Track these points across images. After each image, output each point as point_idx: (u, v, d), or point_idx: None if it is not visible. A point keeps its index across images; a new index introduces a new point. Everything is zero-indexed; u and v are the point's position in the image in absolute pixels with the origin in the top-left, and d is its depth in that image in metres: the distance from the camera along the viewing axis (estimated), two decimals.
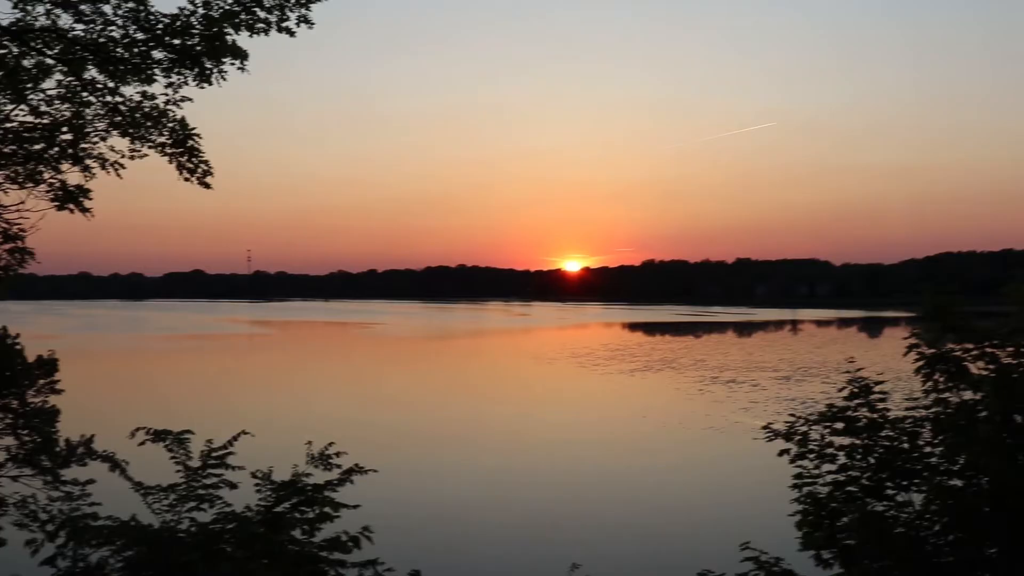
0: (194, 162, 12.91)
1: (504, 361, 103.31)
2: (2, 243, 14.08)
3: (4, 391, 17.98)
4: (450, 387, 74.95)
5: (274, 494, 10.80)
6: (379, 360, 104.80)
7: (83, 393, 29.92)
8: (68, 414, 18.62)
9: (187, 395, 67.68)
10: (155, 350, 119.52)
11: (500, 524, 30.71)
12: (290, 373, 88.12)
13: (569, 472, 39.22)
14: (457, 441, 47.48)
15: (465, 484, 36.87)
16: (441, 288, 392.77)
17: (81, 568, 10.42)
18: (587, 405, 63.27)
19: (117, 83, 12.15)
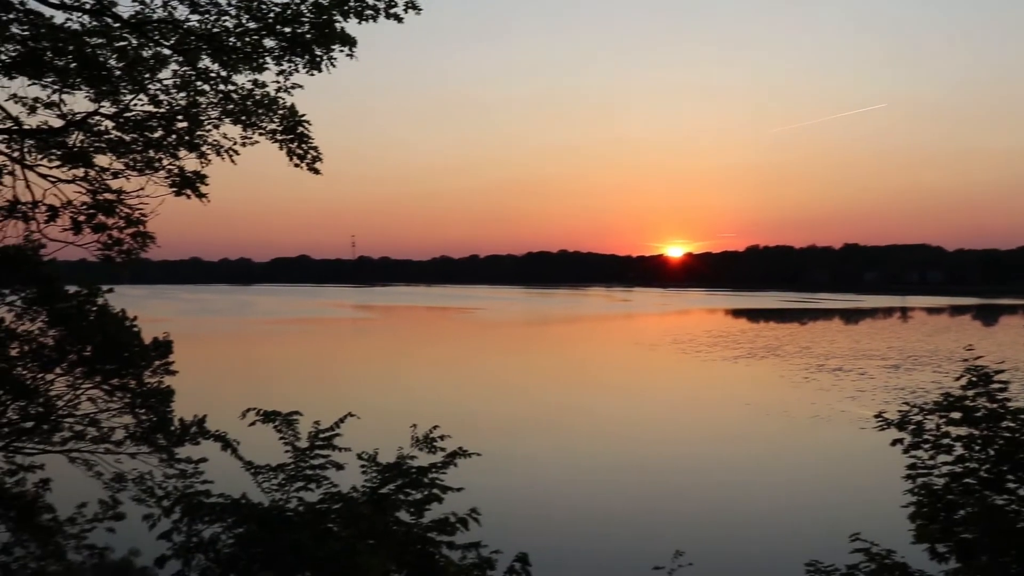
0: (304, 148, 13.14)
1: (605, 347, 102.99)
2: (125, 227, 14.55)
3: (123, 372, 18.56)
4: (551, 373, 75.04)
5: (379, 476, 10.96)
6: (481, 345, 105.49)
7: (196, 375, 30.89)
8: (182, 395, 19.12)
9: (294, 377, 69.12)
10: (263, 333, 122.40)
11: (603, 509, 30.67)
12: (393, 357, 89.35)
13: (671, 459, 38.96)
14: (559, 426, 47.53)
15: (567, 469, 36.91)
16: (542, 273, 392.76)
17: (195, 543, 10.72)
18: (689, 392, 62.69)
19: (229, 72, 12.44)
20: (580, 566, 24.22)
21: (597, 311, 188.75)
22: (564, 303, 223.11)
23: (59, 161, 13.69)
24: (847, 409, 51.82)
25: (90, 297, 18.67)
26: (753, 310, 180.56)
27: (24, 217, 14.41)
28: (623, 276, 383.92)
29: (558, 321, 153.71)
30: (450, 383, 66.46)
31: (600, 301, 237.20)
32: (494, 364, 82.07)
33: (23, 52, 11.50)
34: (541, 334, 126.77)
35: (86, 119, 13.13)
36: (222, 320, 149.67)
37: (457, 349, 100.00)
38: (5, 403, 18.58)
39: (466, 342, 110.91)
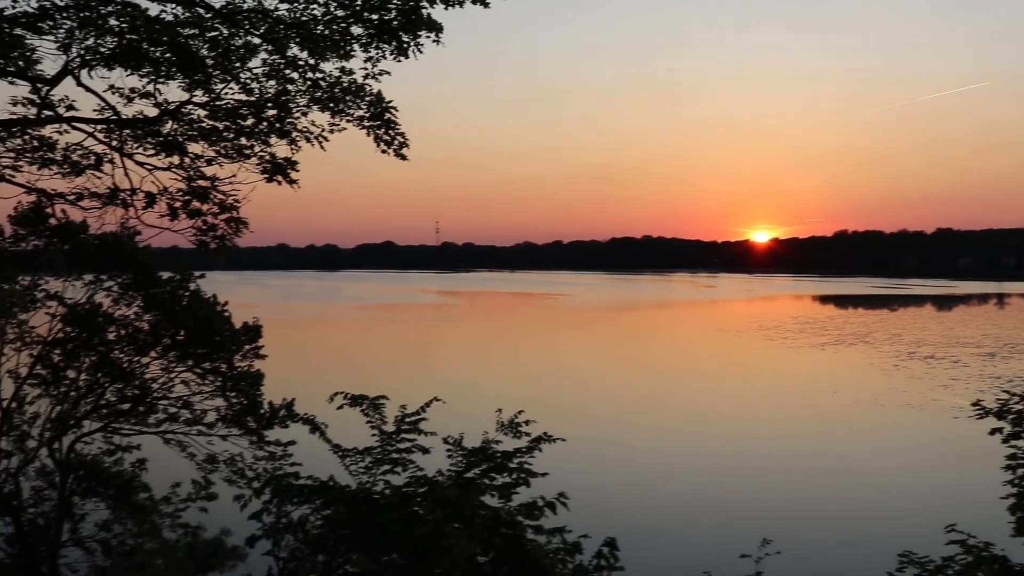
0: (391, 134, 13.23)
1: (690, 333, 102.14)
2: (219, 214, 14.86)
3: (214, 356, 18.96)
4: (636, 359, 74.70)
5: (465, 460, 11.01)
6: (564, 331, 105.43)
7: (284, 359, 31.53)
8: (271, 378, 19.47)
9: (380, 362, 69.96)
10: (349, 318, 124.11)
11: (689, 496, 30.51)
12: (478, 343, 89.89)
13: (757, 446, 38.50)
14: (644, 413, 47.32)
15: (653, 455, 36.77)
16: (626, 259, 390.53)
17: (284, 524, 10.92)
18: (775, 379, 61.85)
19: (317, 60, 12.57)
20: (666, 552, 24.11)
21: (681, 297, 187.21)
22: (648, 289, 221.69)
23: (154, 149, 14.03)
24: (940, 398, 50.61)
25: (183, 283, 19.12)
26: (841, 296, 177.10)
27: (124, 204, 14.83)
28: (708, 262, 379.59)
29: (642, 307, 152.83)
30: (534, 369, 66.59)
31: (684, 287, 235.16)
32: (578, 350, 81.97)
33: (121, 44, 11.79)
34: (625, 320, 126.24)
35: (179, 108, 13.42)
36: (309, 305, 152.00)
37: (541, 335, 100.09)
38: (103, 385, 19.17)
39: (550, 328, 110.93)
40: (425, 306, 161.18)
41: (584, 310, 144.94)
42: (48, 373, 19.10)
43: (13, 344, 19.06)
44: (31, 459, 18.87)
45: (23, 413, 19.11)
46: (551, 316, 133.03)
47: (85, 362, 19.25)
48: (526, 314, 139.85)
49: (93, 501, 19.20)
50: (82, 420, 19.06)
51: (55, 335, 19.11)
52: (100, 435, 19.30)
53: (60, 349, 19.17)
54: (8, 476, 18.44)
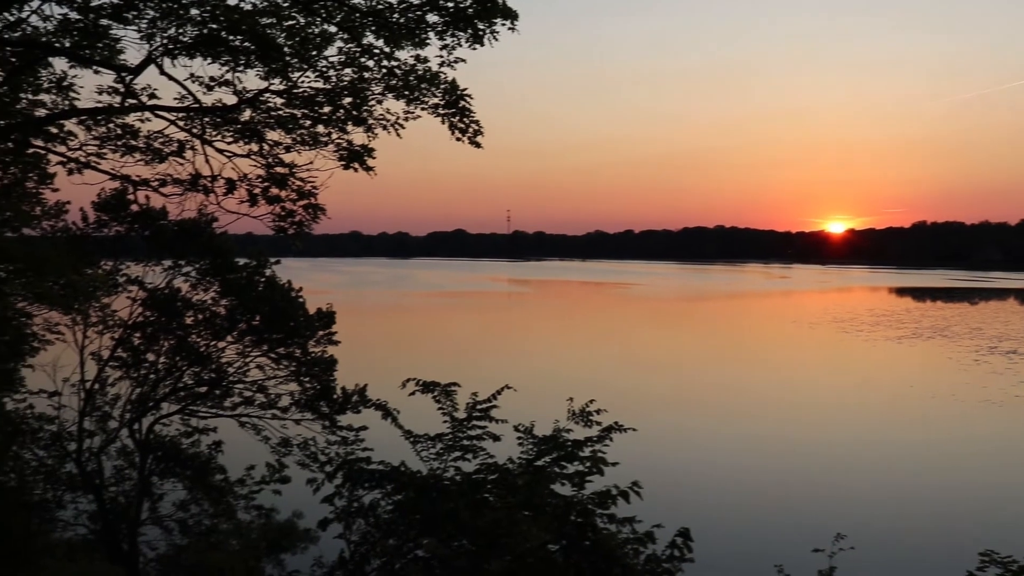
0: (465, 122, 13.27)
1: (763, 324, 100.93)
2: (297, 200, 15.09)
3: (288, 341, 19.22)
4: (708, 349, 74.06)
5: (535, 448, 11.03)
6: (636, 321, 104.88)
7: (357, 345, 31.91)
8: (344, 364, 19.67)
9: (451, 349, 70.25)
10: (421, 306, 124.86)
11: (761, 488, 30.17)
12: (549, 331, 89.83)
13: (830, 440, 37.90)
14: (716, 404, 46.88)
15: (725, 447, 36.43)
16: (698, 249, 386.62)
17: (355, 508, 11.06)
18: (850, 372, 60.78)
19: (392, 48, 12.66)
20: (736, 544, 23.88)
21: (754, 288, 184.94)
22: (720, 279, 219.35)
23: (233, 137, 14.28)
24: (1022, 394, 49.32)
25: (259, 268, 19.40)
26: (919, 289, 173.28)
27: (205, 190, 15.15)
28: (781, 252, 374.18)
29: (714, 297, 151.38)
30: (605, 358, 66.37)
31: (757, 278, 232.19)
32: (650, 340, 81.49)
33: (201, 33, 12.00)
34: (697, 310, 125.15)
35: (257, 96, 13.62)
36: (382, 292, 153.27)
37: (612, 324, 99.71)
38: (181, 369, 19.56)
39: (621, 317, 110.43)
40: (496, 294, 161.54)
41: (656, 300, 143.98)
42: (129, 356, 19.51)
43: (96, 327, 19.52)
44: (112, 439, 19.33)
45: (105, 394, 19.57)
46: (622, 306, 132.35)
47: (164, 345, 19.63)
48: (597, 303, 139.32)
49: (171, 481, 19.59)
50: (161, 402, 19.46)
51: (135, 319, 19.51)
52: (178, 417, 19.68)
53: (140, 332, 19.58)
54: (91, 455, 18.92)
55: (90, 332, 19.47)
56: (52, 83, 14.48)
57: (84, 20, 12.37)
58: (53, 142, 15.16)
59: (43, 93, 14.67)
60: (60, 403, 19.08)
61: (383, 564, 10.83)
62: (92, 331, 19.50)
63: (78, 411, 19.00)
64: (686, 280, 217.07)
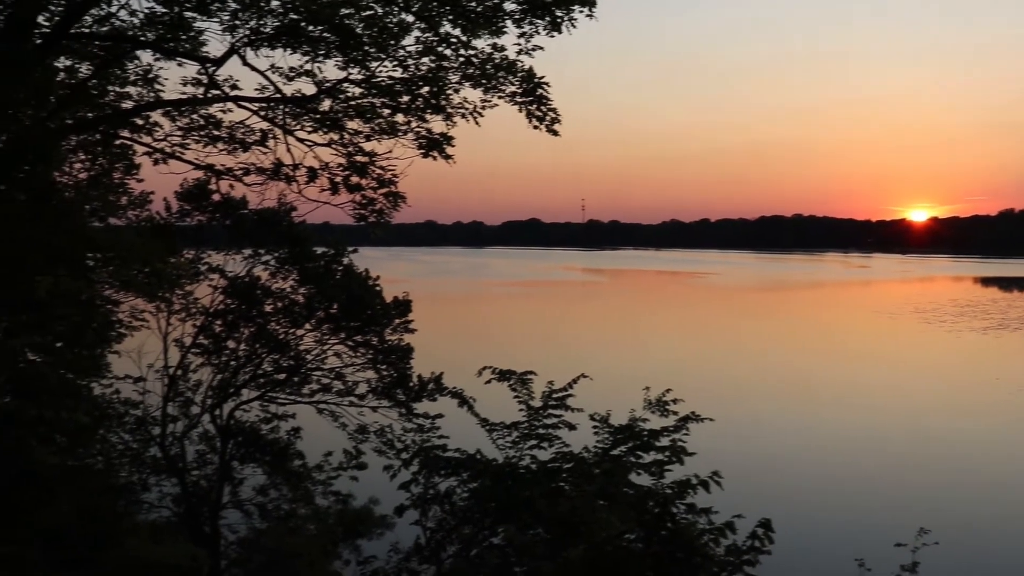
0: (543, 110, 13.25)
1: (841, 314, 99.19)
2: (377, 188, 15.23)
3: (366, 329, 19.41)
4: (785, 339, 73.01)
5: (611, 437, 11.00)
6: (712, 310, 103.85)
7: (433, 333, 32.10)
8: (420, 352, 19.79)
9: (526, 338, 70.27)
10: (496, 295, 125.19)
11: (841, 480, 29.71)
12: (624, 320, 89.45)
13: (913, 432, 37.12)
14: (795, 394, 46.24)
15: (804, 437, 35.94)
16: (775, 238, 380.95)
17: (431, 495, 11.15)
18: (932, 363, 59.46)
19: (469, 37, 12.69)
20: (816, 537, 23.56)
21: (833, 277, 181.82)
22: (798, 268, 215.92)
23: (313, 126, 14.46)
24: None
25: (336, 257, 19.61)
26: (1005, 279, 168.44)
27: (287, 179, 15.38)
28: (860, 241, 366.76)
29: (792, 287, 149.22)
30: (682, 347, 65.88)
31: (836, 267, 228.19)
32: (726, 329, 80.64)
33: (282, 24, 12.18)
34: (775, 300, 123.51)
35: (336, 86, 13.77)
36: (457, 281, 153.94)
37: (688, 313, 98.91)
38: (261, 356, 19.87)
39: (697, 307, 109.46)
40: (571, 283, 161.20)
41: (732, 289, 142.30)
42: (210, 343, 19.87)
43: (179, 314, 19.91)
44: (195, 424, 19.73)
45: (187, 380, 19.97)
46: (698, 295, 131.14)
47: (244, 333, 19.95)
48: (672, 293, 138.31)
49: (251, 466, 19.91)
50: (241, 388, 19.79)
51: (216, 306, 19.86)
52: (258, 403, 19.99)
53: (221, 320, 19.91)
54: (174, 440, 19.35)
55: (173, 319, 19.85)
56: (138, 76, 14.83)
57: (169, 13, 12.64)
58: (139, 133, 15.53)
59: (129, 85, 15.04)
60: (145, 388, 19.52)
61: (459, 551, 10.92)
62: (175, 318, 19.88)
63: (162, 396, 19.44)
64: (763, 269, 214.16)
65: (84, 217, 17.40)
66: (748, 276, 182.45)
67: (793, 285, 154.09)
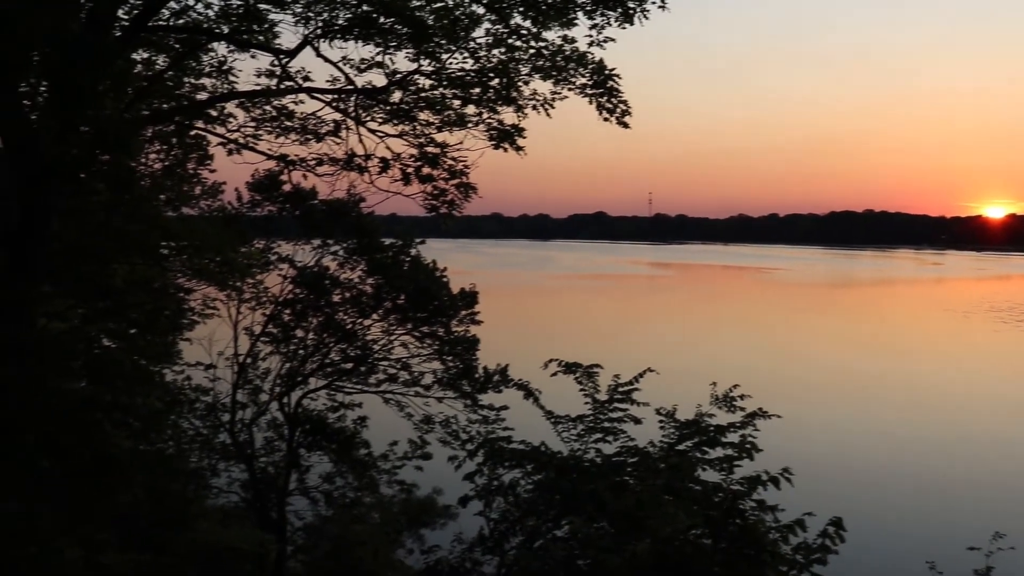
0: (613, 102, 13.21)
1: (912, 312, 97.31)
2: (449, 179, 15.31)
3: (432, 320, 19.51)
4: (854, 337, 71.80)
5: (677, 432, 10.91)
6: (779, 306, 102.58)
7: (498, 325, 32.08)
8: (486, 344, 19.84)
9: (592, 331, 70.01)
10: (561, 288, 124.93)
11: (912, 482, 29.21)
12: (690, 315, 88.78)
13: (987, 434, 36.31)
14: (864, 393, 45.48)
15: (874, 437, 35.37)
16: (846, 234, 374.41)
17: (495, 486, 11.15)
18: (1007, 364, 58.04)
19: (540, 28, 12.68)
20: (885, 538, 23.16)
21: (904, 274, 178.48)
22: (868, 265, 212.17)
23: (384, 117, 14.58)
24: None
25: (404, 248, 19.74)
26: None
27: (359, 169, 15.52)
28: (934, 238, 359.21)
29: (862, 284, 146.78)
30: (748, 343, 65.14)
31: (907, 264, 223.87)
32: (795, 326, 79.64)
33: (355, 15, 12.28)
34: (844, 297, 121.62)
35: (406, 77, 13.85)
36: (522, 274, 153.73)
37: (755, 309, 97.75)
38: (328, 345, 20.09)
39: (765, 303, 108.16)
40: (637, 277, 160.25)
41: (800, 285, 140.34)
42: (279, 331, 20.12)
43: (249, 303, 20.21)
44: (263, 411, 20.02)
45: (256, 368, 20.27)
46: (766, 291, 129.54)
47: (312, 322, 20.17)
48: (739, 288, 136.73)
49: (318, 454, 20.13)
50: (309, 377, 20.02)
51: (286, 296, 20.12)
52: (325, 392, 20.20)
53: (290, 309, 20.15)
54: (243, 426, 19.66)
55: (243, 308, 20.15)
56: (213, 67, 15.06)
57: (243, 6, 12.81)
58: (213, 124, 15.78)
59: (204, 77, 15.29)
60: (215, 376, 19.87)
61: (522, 543, 10.91)
62: (245, 307, 20.18)
63: (231, 384, 19.76)
64: (832, 265, 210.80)
65: (159, 207, 17.76)
66: (817, 272, 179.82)
67: (863, 282, 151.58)
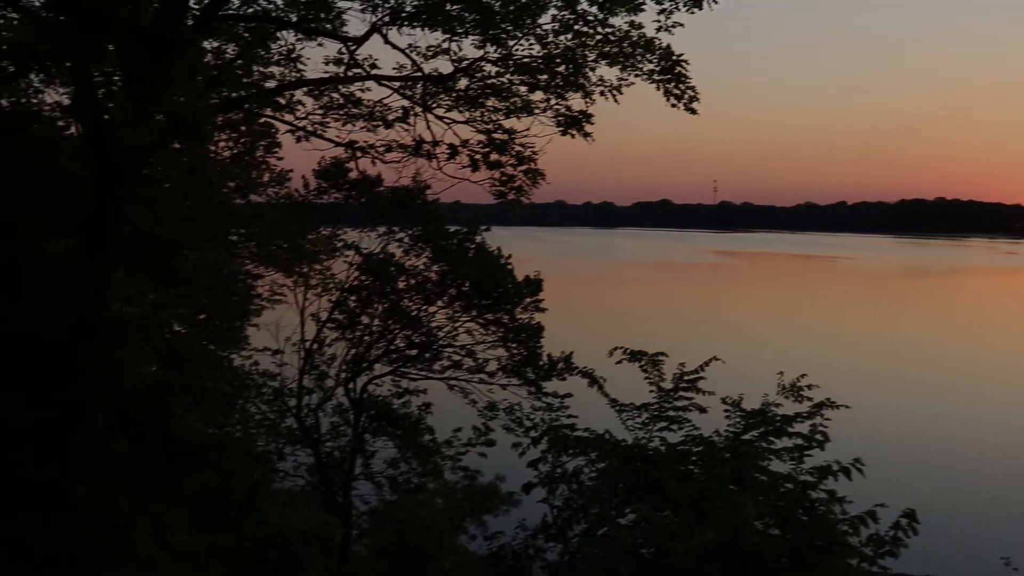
0: (681, 88, 13.09)
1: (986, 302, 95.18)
2: (517, 166, 15.31)
3: (497, 307, 19.53)
4: (925, 327, 70.48)
5: (742, 421, 10.80)
6: (848, 296, 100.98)
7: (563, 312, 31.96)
8: (550, 331, 19.80)
9: (656, 319, 69.58)
10: (625, 276, 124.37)
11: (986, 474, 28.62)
12: (756, 304, 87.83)
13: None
14: (935, 385, 44.59)
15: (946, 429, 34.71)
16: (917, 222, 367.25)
17: (559, 473, 11.15)
18: None
19: (607, 14, 12.60)
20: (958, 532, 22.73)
21: (977, 263, 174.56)
22: (940, 255, 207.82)
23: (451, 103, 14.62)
24: None
25: (469, 235, 19.78)
26: None
27: (428, 155, 15.59)
28: (1009, 227, 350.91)
29: (933, 273, 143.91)
30: (815, 333, 64.30)
31: (981, 253, 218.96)
32: (863, 315, 78.34)
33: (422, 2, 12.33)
34: (914, 286, 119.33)
35: (473, 64, 13.87)
36: (586, 261, 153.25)
37: (822, 299, 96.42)
38: (394, 331, 20.22)
39: (831, 292, 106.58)
40: (702, 266, 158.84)
41: (870, 275, 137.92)
42: (345, 318, 20.28)
43: (315, 290, 20.42)
44: (329, 397, 20.22)
45: (323, 354, 20.47)
46: (832, 280, 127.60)
47: (378, 309, 20.30)
48: (806, 277, 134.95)
49: (382, 439, 20.27)
50: (374, 363, 20.18)
51: (351, 282, 20.27)
52: (390, 378, 20.34)
53: (356, 296, 20.30)
54: (309, 411, 19.90)
55: (310, 294, 20.36)
56: (281, 55, 15.22)
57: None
58: (281, 111, 15.97)
59: (273, 65, 15.46)
60: (282, 361, 20.11)
61: (586, 530, 10.91)
62: (312, 293, 20.37)
63: (298, 369, 19.99)
64: (902, 254, 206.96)
65: (228, 194, 18.01)
66: (886, 261, 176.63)
67: (935, 271, 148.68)
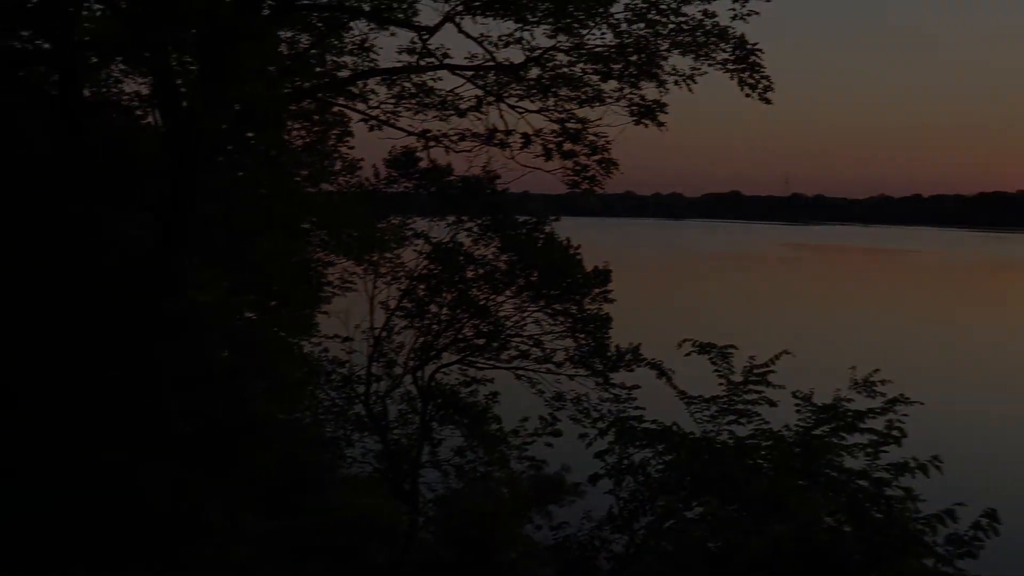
0: (755, 77, 12.98)
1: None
2: (590, 155, 15.28)
3: (565, 297, 19.51)
4: (1003, 324, 68.80)
5: (813, 416, 10.67)
6: (923, 291, 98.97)
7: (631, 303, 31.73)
8: (618, 322, 19.72)
9: (726, 311, 68.83)
10: (694, 267, 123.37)
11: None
12: (828, 298, 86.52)
13: None
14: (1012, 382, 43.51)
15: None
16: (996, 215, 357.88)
17: (626, 465, 11.13)
18: None
19: (680, 3, 12.51)
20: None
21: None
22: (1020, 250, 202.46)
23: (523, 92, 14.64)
24: None
25: (538, 225, 19.77)
26: None
27: (501, 144, 15.63)
28: None
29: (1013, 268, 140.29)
30: (888, 328, 63.12)
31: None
32: (938, 311, 76.75)
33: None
34: (992, 281, 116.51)
35: (545, 53, 13.86)
36: (655, 252, 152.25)
37: (896, 293, 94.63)
38: (462, 320, 20.30)
39: (906, 286, 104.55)
40: (772, 258, 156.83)
41: (946, 269, 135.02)
42: (413, 306, 20.40)
43: (384, 278, 20.58)
44: (397, 384, 20.37)
45: (391, 342, 20.62)
46: (907, 274, 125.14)
47: (446, 297, 20.37)
48: (879, 271, 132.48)
49: (449, 427, 20.37)
50: (442, 352, 20.27)
51: (420, 271, 20.37)
52: (457, 367, 20.41)
53: (424, 284, 20.40)
54: (377, 398, 20.08)
55: (379, 282, 20.52)
56: (354, 45, 15.35)
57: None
58: (354, 101, 16.11)
59: (346, 55, 15.61)
60: (351, 348, 20.32)
61: (652, 522, 10.87)
62: (381, 282, 20.53)
63: (367, 356, 20.16)
64: (981, 248, 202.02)
65: (300, 182, 18.23)
66: (963, 255, 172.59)
67: (1014, 266, 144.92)
